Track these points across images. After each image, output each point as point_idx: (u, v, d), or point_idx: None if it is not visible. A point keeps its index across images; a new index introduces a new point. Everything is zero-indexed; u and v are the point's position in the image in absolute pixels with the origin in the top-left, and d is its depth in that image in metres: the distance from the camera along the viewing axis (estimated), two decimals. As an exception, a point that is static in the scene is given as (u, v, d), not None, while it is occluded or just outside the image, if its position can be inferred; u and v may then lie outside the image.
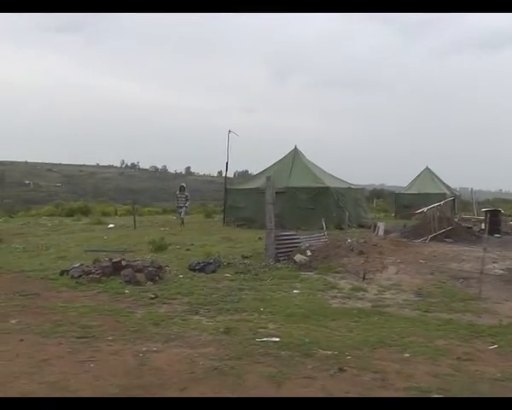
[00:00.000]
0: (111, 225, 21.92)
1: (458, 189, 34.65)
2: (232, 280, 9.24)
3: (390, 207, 36.16)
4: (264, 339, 5.66)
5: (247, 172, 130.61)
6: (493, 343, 5.81)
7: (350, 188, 22.41)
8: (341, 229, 20.43)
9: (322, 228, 18.23)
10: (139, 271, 9.05)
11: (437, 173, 32.84)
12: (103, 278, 8.91)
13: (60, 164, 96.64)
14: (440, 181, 32.44)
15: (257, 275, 9.59)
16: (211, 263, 10.13)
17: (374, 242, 13.30)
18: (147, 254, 12.69)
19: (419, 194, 30.09)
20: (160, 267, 9.36)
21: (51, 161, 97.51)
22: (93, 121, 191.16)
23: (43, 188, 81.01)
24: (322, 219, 14.82)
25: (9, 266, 10.87)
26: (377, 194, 49.33)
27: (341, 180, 22.62)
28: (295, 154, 22.55)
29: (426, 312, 7.26)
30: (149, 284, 8.70)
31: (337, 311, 7.20)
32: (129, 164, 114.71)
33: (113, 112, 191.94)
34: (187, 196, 22.75)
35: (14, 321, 6.46)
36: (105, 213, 32.64)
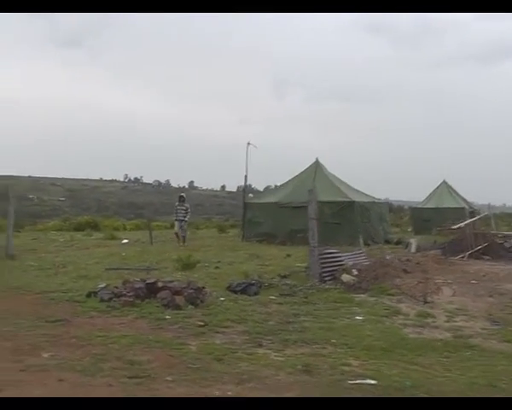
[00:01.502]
0: (125, 241, 20.98)
1: (475, 203, 33.63)
2: (281, 304, 8.25)
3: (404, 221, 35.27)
4: (358, 381, 4.67)
5: (251, 186, 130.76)
6: None
7: (374, 202, 21.46)
8: (367, 245, 19.48)
9: (358, 244, 17.30)
10: (177, 293, 8.06)
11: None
12: (137, 302, 7.93)
13: (63, 178, 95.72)
14: (458, 195, 31.53)
15: (306, 298, 8.60)
16: (253, 284, 9.14)
17: (416, 260, 12.32)
18: (174, 272, 11.71)
19: (437, 208, 29.18)
20: (199, 289, 8.37)
21: (55, 176, 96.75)
22: (96, 135, 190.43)
23: (47, 202, 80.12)
24: (360, 236, 13.87)
25: (28, 286, 9.89)
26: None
27: (366, 194, 21.67)
28: (317, 166, 21.61)
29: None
30: (190, 308, 7.71)
31: (418, 343, 6.20)
32: (132, 178, 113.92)
33: (116, 125, 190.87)
34: (187, 209, 19.64)
35: (46, 355, 5.48)
36: (114, 228, 31.84)
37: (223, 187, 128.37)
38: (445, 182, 31.42)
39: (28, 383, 4.55)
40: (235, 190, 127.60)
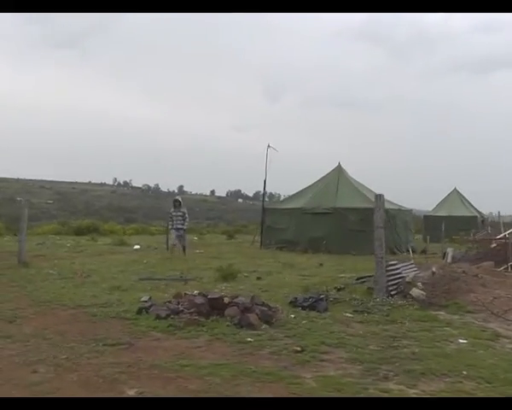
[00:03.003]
0: (137, 247, 19.89)
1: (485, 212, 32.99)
2: (362, 322, 7.24)
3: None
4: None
5: (240, 191, 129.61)
6: None
7: (400, 209, 20.57)
8: (394, 254, 18.60)
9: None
10: (246, 310, 7.03)
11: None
12: (201, 319, 6.88)
13: (52, 181, 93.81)
14: (469, 203, 30.86)
15: (388, 316, 7.60)
16: (321, 299, 8.13)
17: (472, 272, 11.39)
18: (214, 283, 10.68)
19: (450, 216, 28.42)
20: (269, 306, 7.35)
21: (44, 178, 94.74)
22: (85, 138, 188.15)
23: (35, 205, 78.20)
24: (409, 244, 12.90)
25: (58, 299, 8.82)
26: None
27: (390, 201, 20.75)
28: (340, 171, 20.70)
29: None
30: (266, 328, 6.68)
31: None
32: (121, 182, 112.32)
33: (106, 129, 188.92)
34: (184, 214, 16.38)
35: (132, 392, 4.42)
36: (113, 232, 30.71)
37: (212, 192, 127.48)
38: (456, 190, 30.74)
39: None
40: (224, 194, 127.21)
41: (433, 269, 10.41)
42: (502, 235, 16.19)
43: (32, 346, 5.89)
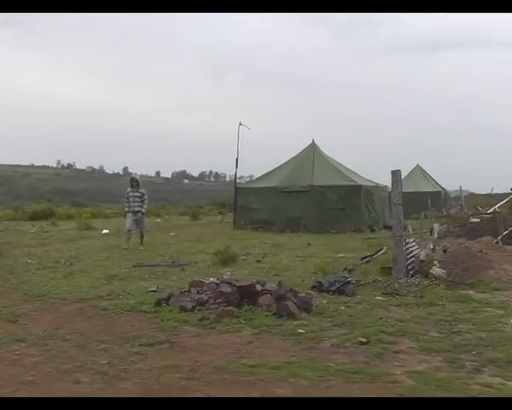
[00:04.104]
0: (105, 231, 18.84)
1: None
2: (400, 306, 6.82)
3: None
4: None
5: (185, 172, 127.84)
6: None
7: (377, 186, 20.39)
8: (373, 231, 18.47)
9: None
10: (281, 298, 6.46)
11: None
12: (234, 310, 6.26)
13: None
14: (432, 179, 31.25)
15: (422, 297, 7.22)
16: (349, 282, 7.66)
17: (476, 248, 11.23)
18: (214, 268, 10.06)
19: (415, 192, 28.63)
20: (296, 292, 6.81)
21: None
22: (26, 119, 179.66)
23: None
24: (407, 222, 12.63)
25: (53, 292, 7.99)
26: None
27: (366, 179, 20.53)
28: (314, 149, 20.22)
29: None
30: (306, 317, 6.16)
31: None
32: (65, 164, 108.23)
33: (48, 109, 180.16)
34: (143, 195, 14.38)
35: (208, 402, 3.79)
36: (69, 216, 29.40)
37: (157, 173, 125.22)
38: (419, 166, 30.99)
39: None
40: (169, 176, 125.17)
41: (444, 247, 10.16)
42: (492, 209, 16.22)
43: (55, 350, 5.14)
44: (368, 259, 10.71)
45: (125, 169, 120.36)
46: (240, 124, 20.39)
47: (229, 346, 5.12)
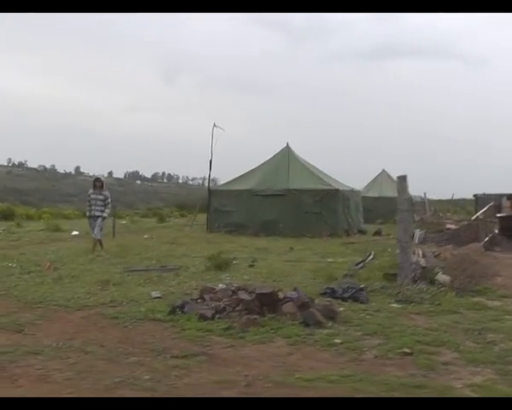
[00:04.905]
0: (75, 232, 18.15)
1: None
2: (419, 314, 6.74)
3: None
4: None
5: (138, 172, 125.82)
6: None
7: (353, 191, 20.45)
8: (349, 235, 18.54)
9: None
10: (303, 305, 6.27)
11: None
12: (258, 319, 6.03)
13: None
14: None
15: (440, 305, 7.17)
16: (362, 289, 7.55)
17: (471, 255, 11.36)
18: (210, 273, 9.77)
19: (380, 197, 28.92)
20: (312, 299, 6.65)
21: None
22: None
23: None
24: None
25: (49, 298, 7.52)
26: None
27: (341, 183, 20.53)
28: (289, 152, 20.10)
29: None
30: (334, 326, 5.99)
31: None
32: (16, 162, 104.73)
33: None
34: (106, 199, 12.98)
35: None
36: (29, 217, 28.41)
37: (110, 173, 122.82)
38: (385, 171, 31.32)
39: None
40: (122, 176, 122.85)
41: (434, 253, 10.23)
42: (475, 216, 16.51)
43: (81, 364, 4.77)
44: (362, 265, 10.68)
45: (77, 169, 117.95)
46: (214, 125, 20.08)
47: (270, 358, 4.88)
